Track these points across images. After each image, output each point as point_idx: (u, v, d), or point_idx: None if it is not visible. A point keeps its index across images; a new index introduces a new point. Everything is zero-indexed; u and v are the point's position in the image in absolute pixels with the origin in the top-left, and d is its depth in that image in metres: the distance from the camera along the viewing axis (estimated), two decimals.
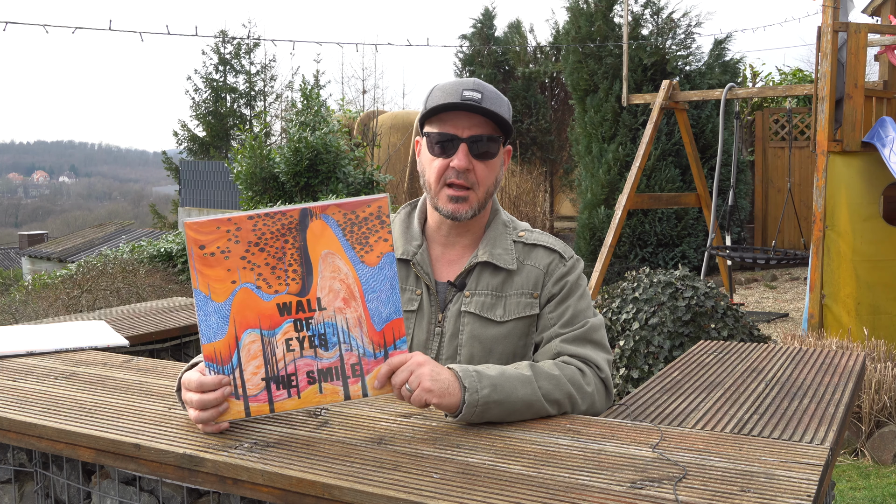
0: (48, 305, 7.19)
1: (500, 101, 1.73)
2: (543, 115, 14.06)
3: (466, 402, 1.44)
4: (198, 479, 1.36)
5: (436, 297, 1.76)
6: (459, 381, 1.46)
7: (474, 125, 1.69)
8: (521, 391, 1.50)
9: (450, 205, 1.72)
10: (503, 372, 1.52)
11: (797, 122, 10.91)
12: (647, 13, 10.90)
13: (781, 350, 2.27)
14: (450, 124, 1.70)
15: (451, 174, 1.70)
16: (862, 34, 5.82)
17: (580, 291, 1.76)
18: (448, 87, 1.71)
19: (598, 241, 10.32)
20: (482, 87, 1.71)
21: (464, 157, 1.69)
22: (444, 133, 1.70)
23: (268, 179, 11.51)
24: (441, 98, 1.70)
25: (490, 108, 1.68)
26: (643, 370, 4.51)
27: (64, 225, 47.47)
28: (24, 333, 2.27)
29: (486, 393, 1.46)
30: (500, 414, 1.48)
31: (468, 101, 1.67)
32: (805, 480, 1.21)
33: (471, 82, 1.71)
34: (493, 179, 1.75)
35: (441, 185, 1.72)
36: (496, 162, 1.75)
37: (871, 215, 5.84)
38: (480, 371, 1.49)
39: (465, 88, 1.69)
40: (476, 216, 1.76)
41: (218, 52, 23.53)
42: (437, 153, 1.72)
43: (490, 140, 1.71)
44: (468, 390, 1.45)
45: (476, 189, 1.72)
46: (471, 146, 1.69)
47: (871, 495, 3.97)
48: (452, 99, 1.68)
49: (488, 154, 1.72)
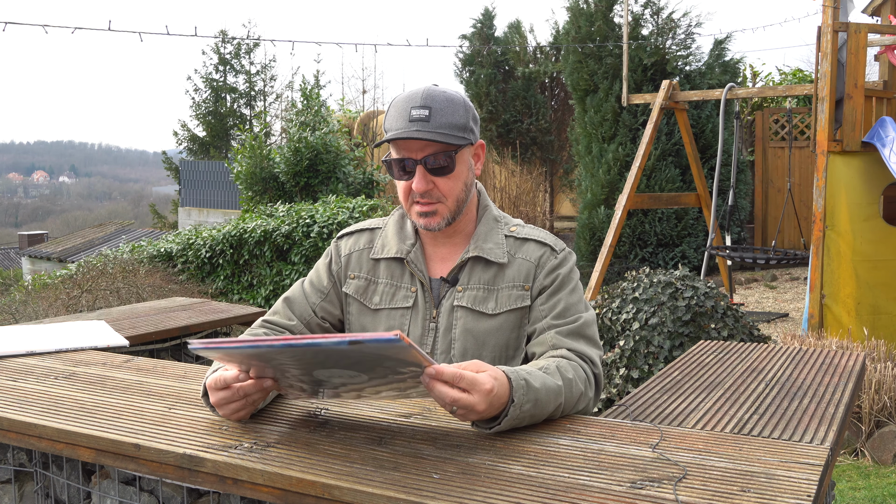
0: (48, 305, 7.19)
1: (454, 108, 1.71)
2: (543, 115, 14.06)
3: (509, 415, 1.40)
4: (198, 479, 1.36)
5: (430, 293, 1.78)
6: (510, 394, 1.41)
7: (426, 145, 1.69)
8: (551, 406, 1.49)
9: (421, 219, 1.75)
10: (545, 384, 1.48)
11: (797, 122, 10.91)
12: (647, 13, 10.90)
13: (781, 350, 2.27)
14: (403, 148, 1.71)
15: (416, 194, 1.73)
16: (862, 34, 5.82)
17: (572, 284, 1.77)
18: (400, 104, 1.71)
19: (598, 241, 10.32)
20: (431, 99, 1.69)
21: (421, 180, 1.70)
22: (399, 158, 1.72)
23: (268, 179, 11.51)
24: (393, 118, 1.71)
25: (438, 123, 1.67)
26: (643, 370, 4.51)
27: (64, 225, 47.49)
28: (24, 333, 2.27)
29: (528, 408, 1.43)
30: (524, 425, 1.47)
31: (416, 123, 1.66)
32: (805, 480, 1.21)
33: (419, 96, 1.69)
34: (460, 187, 1.75)
35: (410, 203, 1.76)
36: (460, 171, 1.74)
37: (871, 215, 5.84)
38: (528, 382, 1.45)
39: (413, 106, 1.68)
40: (452, 223, 1.77)
41: (218, 52, 23.54)
42: (398, 176, 1.75)
43: (444, 156, 1.70)
44: (514, 404, 1.41)
45: (444, 201, 1.74)
46: (427, 166, 1.70)
47: (871, 495, 3.97)
48: (402, 120, 1.68)
49: (447, 169, 1.72)
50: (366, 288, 1.82)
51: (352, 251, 1.87)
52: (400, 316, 1.78)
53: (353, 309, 1.83)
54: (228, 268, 9.18)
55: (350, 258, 1.86)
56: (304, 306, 1.84)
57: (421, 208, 1.74)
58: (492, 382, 1.37)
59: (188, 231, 9.86)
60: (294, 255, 8.85)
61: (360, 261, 1.85)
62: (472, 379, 1.35)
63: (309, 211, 9.14)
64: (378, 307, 1.80)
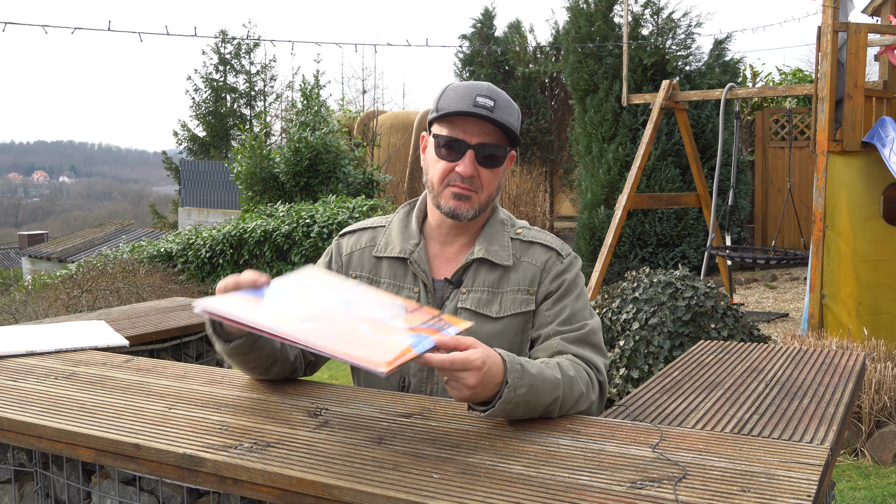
0: (48, 305, 7.19)
1: (512, 110, 1.74)
2: (543, 115, 14.06)
3: (503, 397, 1.42)
4: (198, 479, 1.36)
5: (433, 294, 1.77)
6: (504, 375, 1.43)
7: (483, 133, 1.70)
8: (547, 397, 1.49)
9: (452, 201, 1.73)
10: (541, 372, 1.49)
11: (797, 122, 10.90)
12: (647, 13, 10.90)
13: (781, 350, 2.27)
14: (459, 129, 1.70)
15: (456, 178, 1.72)
16: (862, 34, 5.82)
17: (578, 290, 1.76)
18: (462, 89, 1.72)
19: (598, 241, 10.32)
20: (496, 94, 1.71)
21: (470, 164, 1.70)
22: (452, 137, 1.71)
23: (268, 179, 11.51)
24: (454, 100, 1.70)
25: (502, 116, 1.69)
26: (643, 370, 4.51)
27: (64, 225, 47.48)
28: (24, 333, 2.27)
29: (523, 393, 1.44)
30: (521, 415, 1.47)
31: (481, 108, 1.67)
32: (805, 480, 1.21)
33: (485, 88, 1.71)
34: (496, 185, 1.76)
35: (444, 186, 1.74)
36: (500, 169, 1.76)
37: (871, 215, 5.84)
38: (524, 366, 1.46)
39: (479, 94, 1.69)
40: (476, 217, 1.77)
41: (218, 52, 23.55)
42: (443, 155, 1.73)
43: (497, 148, 1.72)
44: (508, 386, 1.42)
45: (479, 192, 1.74)
46: (478, 153, 1.70)
47: (871, 495, 3.97)
48: (465, 103, 1.68)
49: (494, 161, 1.73)
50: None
51: (353, 250, 1.86)
52: None
53: None
54: (228, 268, 9.18)
55: (352, 256, 1.85)
56: None
57: (459, 190, 1.72)
58: (483, 357, 1.39)
59: (188, 231, 9.87)
60: (294, 255, 8.85)
61: (361, 259, 1.84)
62: (464, 359, 1.37)
63: (309, 211, 9.14)
64: None
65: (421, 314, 1.49)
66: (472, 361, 1.37)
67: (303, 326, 1.37)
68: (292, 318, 1.39)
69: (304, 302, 1.46)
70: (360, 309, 1.46)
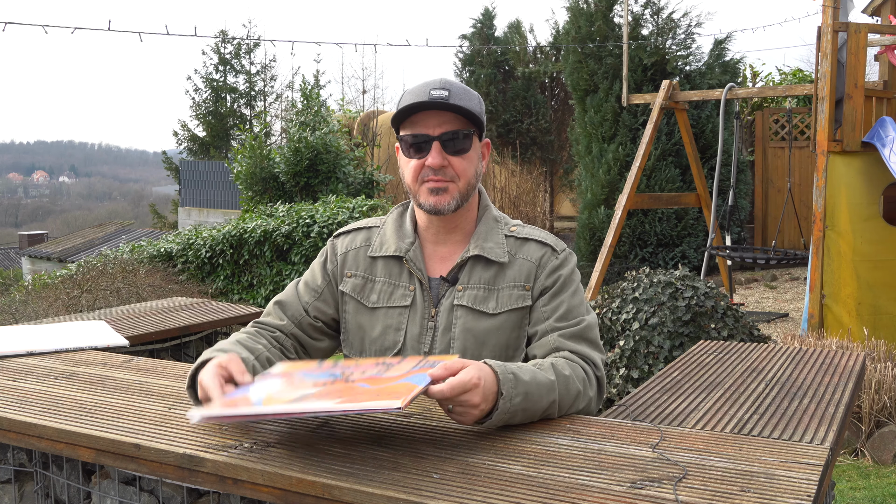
0: (48, 305, 7.18)
1: (470, 96, 1.74)
2: (543, 115, 14.06)
3: (499, 409, 1.42)
4: (198, 479, 1.36)
5: (429, 292, 1.77)
6: (498, 387, 1.43)
7: (444, 122, 1.71)
8: (544, 401, 1.50)
9: (431, 197, 1.73)
10: (535, 377, 1.50)
11: (797, 122, 10.90)
12: (647, 13, 10.90)
13: (781, 350, 2.27)
14: (421, 125, 1.71)
15: (428, 172, 1.72)
16: (862, 34, 5.82)
17: (574, 286, 1.77)
18: (416, 88, 1.73)
19: (598, 241, 10.32)
20: (449, 84, 1.72)
21: (437, 154, 1.70)
22: (416, 134, 1.72)
23: (268, 179, 11.51)
24: (410, 100, 1.71)
25: (459, 102, 1.70)
26: (643, 370, 4.51)
27: (64, 225, 47.48)
28: (24, 333, 2.27)
29: (518, 401, 1.45)
30: (519, 421, 1.48)
31: (436, 99, 1.68)
32: (805, 480, 1.21)
33: (437, 81, 1.72)
34: (472, 172, 1.76)
35: (419, 184, 1.74)
36: (472, 155, 1.76)
37: (871, 215, 5.84)
38: (517, 374, 1.47)
39: (433, 88, 1.70)
40: (459, 208, 1.76)
41: (218, 52, 23.53)
42: (412, 154, 1.74)
43: (461, 133, 1.72)
44: (503, 397, 1.43)
45: (456, 181, 1.73)
46: (444, 143, 1.71)
47: (871, 495, 3.97)
48: (420, 99, 1.69)
49: (462, 149, 1.73)
50: (363, 286, 1.82)
51: (348, 249, 1.86)
52: (398, 315, 1.77)
53: (349, 307, 1.83)
54: (228, 268, 9.18)
55: (347, 256, 1.86)
56: (297, 307, 1.84)
57: (433, 184, 1.72)
58: (477, 373, 1.40)
59: (188, 231, 9.87)
60: (294, 255, 8.85)
61: (356, 259, 1.84)
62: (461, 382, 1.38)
63: (309, 211, 9.14)
64: (375, 306, 1.79)
65: (408, 362, 1.49)
66: (469, 380, 1.38)
67: (304, 402, 1.35)
68: (289, 399, 1.38)
69: (293, 385, 1.44)
70: (350, 374, 1.45)
